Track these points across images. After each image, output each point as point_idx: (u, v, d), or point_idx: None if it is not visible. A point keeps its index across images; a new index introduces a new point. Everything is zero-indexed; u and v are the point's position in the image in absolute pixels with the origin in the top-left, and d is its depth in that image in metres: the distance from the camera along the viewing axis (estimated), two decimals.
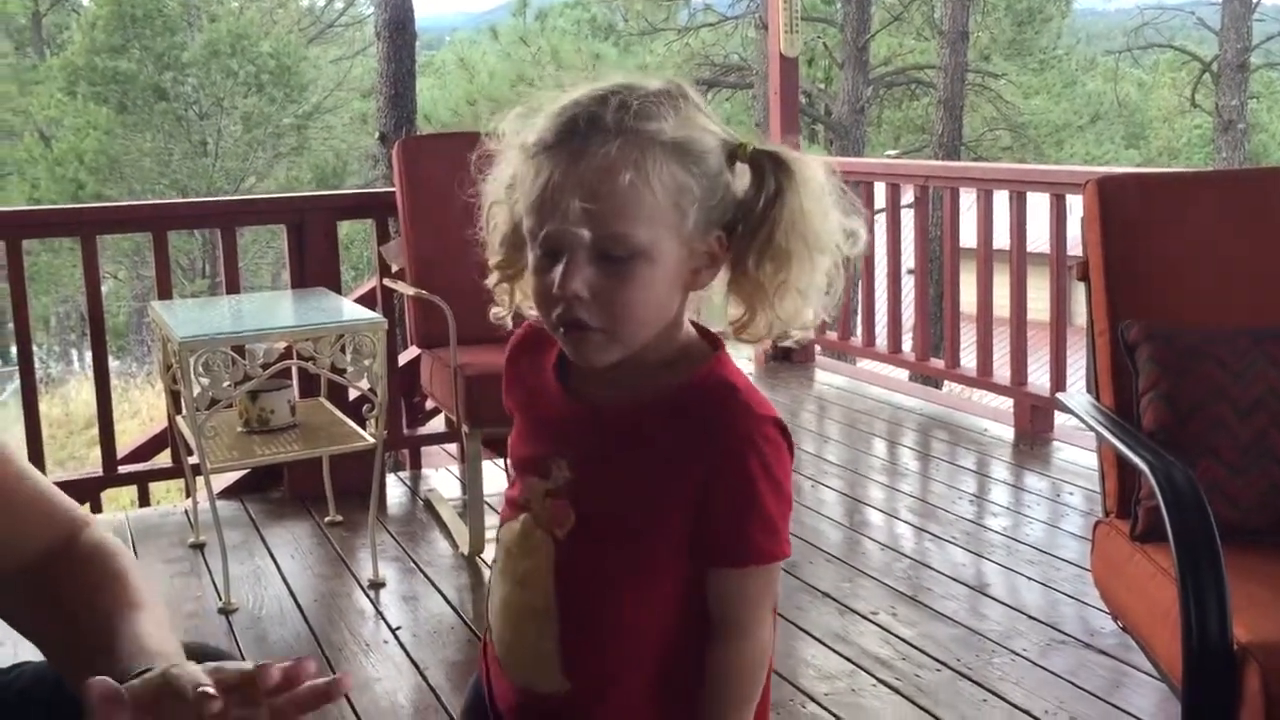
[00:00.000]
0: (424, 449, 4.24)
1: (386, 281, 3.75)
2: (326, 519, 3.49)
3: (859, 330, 5.07)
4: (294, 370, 3.33)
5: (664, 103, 1.02)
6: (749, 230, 1.04)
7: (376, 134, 9.05)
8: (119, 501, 5.39)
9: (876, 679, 2.45)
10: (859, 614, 2.76)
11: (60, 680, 1.08)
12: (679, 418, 1.05)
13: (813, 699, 2.37)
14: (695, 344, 1.11)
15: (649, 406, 1.07)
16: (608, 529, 1.07)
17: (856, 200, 1.10)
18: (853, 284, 5.53)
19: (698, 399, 1.06)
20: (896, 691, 2.39)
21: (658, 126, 1.01)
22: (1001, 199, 4.26)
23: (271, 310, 3.62)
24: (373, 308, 3.69)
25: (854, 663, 2.52)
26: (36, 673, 1.17)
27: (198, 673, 0.90)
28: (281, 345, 3.17)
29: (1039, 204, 4.12)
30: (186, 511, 3.53)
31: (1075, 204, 3.99)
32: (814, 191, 1.05)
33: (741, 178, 1.05)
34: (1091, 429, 1.98)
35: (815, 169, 1.06)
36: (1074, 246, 3.69)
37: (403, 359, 4.04)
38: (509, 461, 1.19)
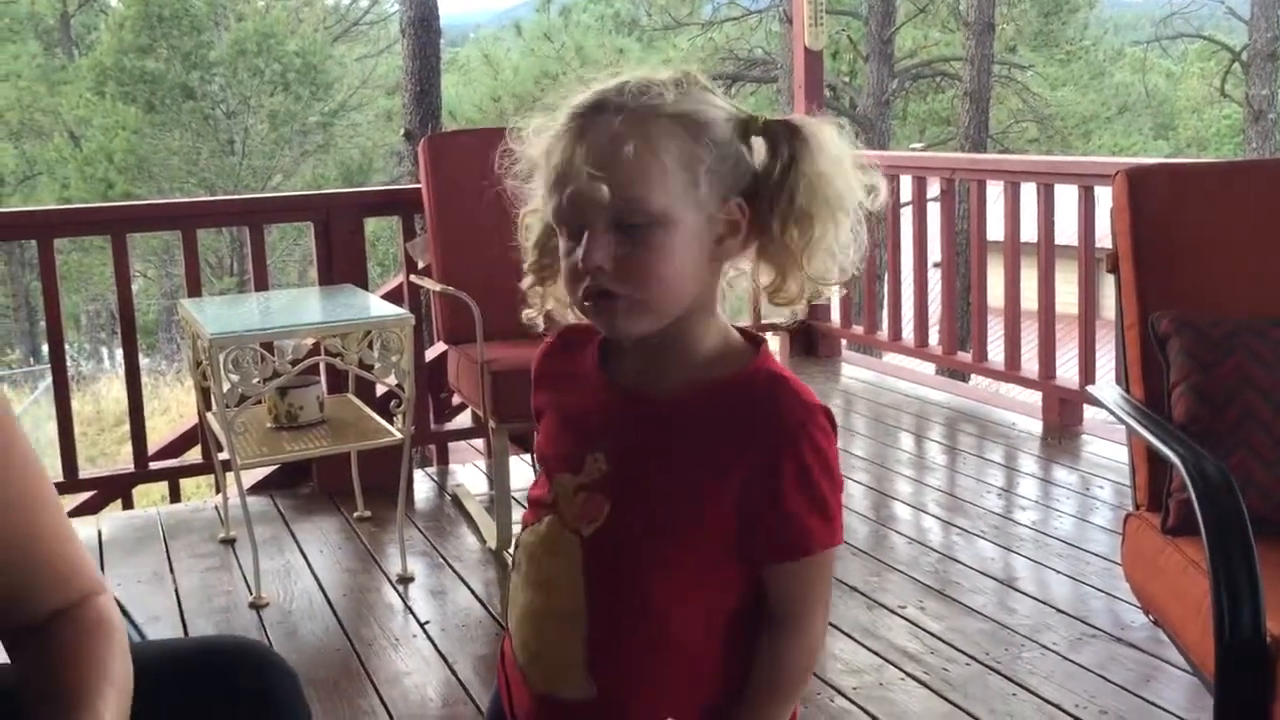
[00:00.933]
0: (451, 444, 4.25)
1: (413, 278, 3.76)
2: (355, 514, 3.51)
3: (885, 324, 5.05)
4: (322, 366, 3.35)
5: (667, 84, 1.06)
6: (770, 197, 1.06)
7: (402, 131, 9.09)
8: (150, 498, 5.44)
9: (905, 673, 2.44)
10: (887, 608, 2.75)
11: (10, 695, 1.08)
12: (729, 409, 1.05)
13: (841, 693, 2.37)
14: (738, 341, 1.11)
15: (697, 397, 1.06)
16: (644, 524, 1.06)
17: (872, 159, 1.12)
18: (878, 277, 5.50)
19: (747, 390, 1.06)
20: (925, 685, 2.39)
21: (660, 101, 1.04)
22: (1029, 191, 4.23)
23: (299, 307, 3.64)
24: (399, 304, 3.70)
25: (882, 657, 2.52)
26: None
27: None
28: (309, 342, 3.19)
29: (1066, 197, 4.10)
30: (217, 507, 3.56)
31: (1103, 196, 3.97)
32: (829, 153, 1.08)
33: (758, 150, 1.08)
34: (1122, 421, 1.97)
35: (828, 132, 1.09)
36: (1102, 239, 3.66)
37: (430, 355, 4.06)
38: (534, 457, 1.20)
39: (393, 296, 3.88)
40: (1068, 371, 4.24)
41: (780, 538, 1.04)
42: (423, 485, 3.87)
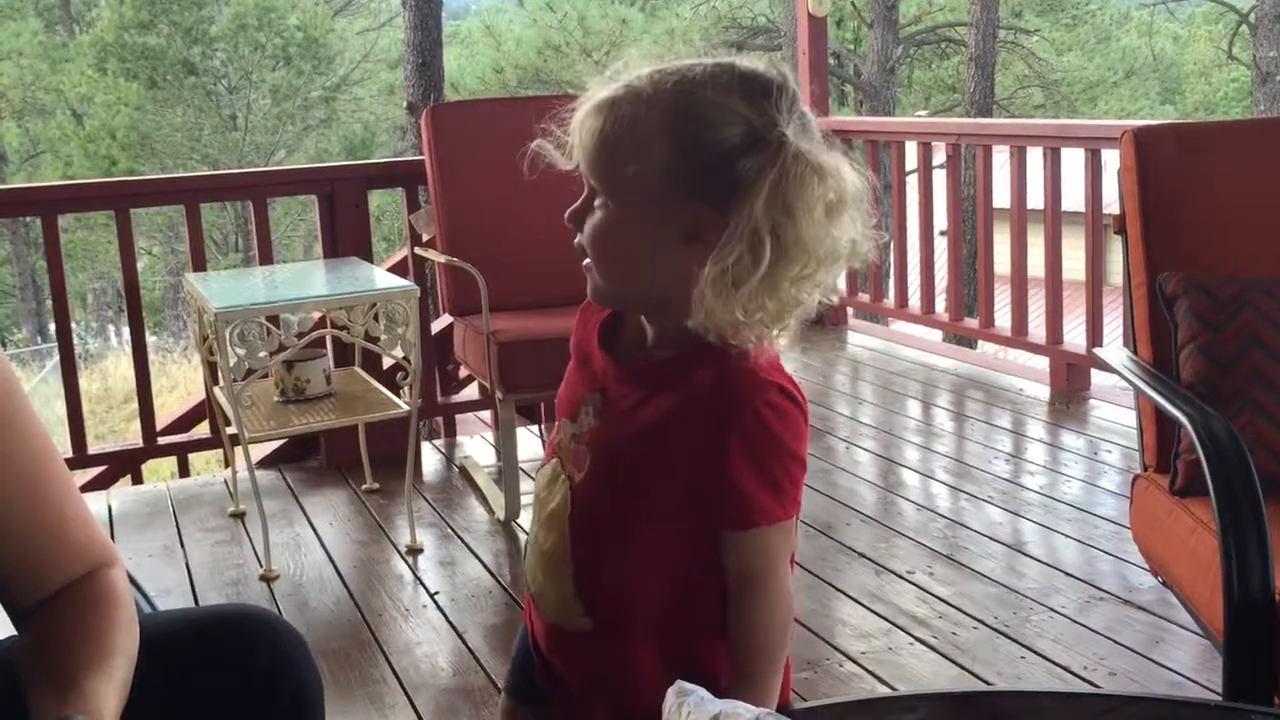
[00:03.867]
0: (458, 417, 4.26)
1: (418, 250, 3.76)
2: (363, 487, 3.52)
3: (891, 292, 5.04)
4: (328, 339, 3.35)
5: (690, 76, 1.04)
6: (747, 214, 1.00)
7: (404, 104, 9.06)
8: (159, 473, 5.46)
9: (914, 637, 2.45)
10: (895, 574, 2.76)
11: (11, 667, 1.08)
12: (686, 382, 1.07)
13: (850, 657, 2.38)
14: (721, 343, 1.09)
15: (661, 367, 1.09)
16: (617, 480, 1.11)
17: (876, 212, 1.07)
18: (884, 245, 5.48)
19: (704, 365, 1.07)
20: (934, 649, 2.39)
21: (662, 89, 1.04)
22: (1035, 156, 4.21)
23: (305, 280, 3.64)
24: (405, 277, 3.70)
25: (891, 621, 2.52)
26: None
27: None
28: (316, 315, 3.19)
29: (1073, 161, 4.07)
30: (226, 481, 3.57)
31: (1110, 159, 3.94)
32: (822, 188, 1.01)
33: (752, 163, 1.01)
34: (1130, 383, 1.96)
35: (833, 167, 1.02)
36: (1109, 204, 3.64)
37: (435, 327, 4.06)
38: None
39: (398, 269, 3.87)
40: (1075, 337, 4.23)
41: (727, 510, 1.07)
42: (430, 457, 3.88)
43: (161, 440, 3.80)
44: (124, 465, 3.93)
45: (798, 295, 1.04)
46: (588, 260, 1.10)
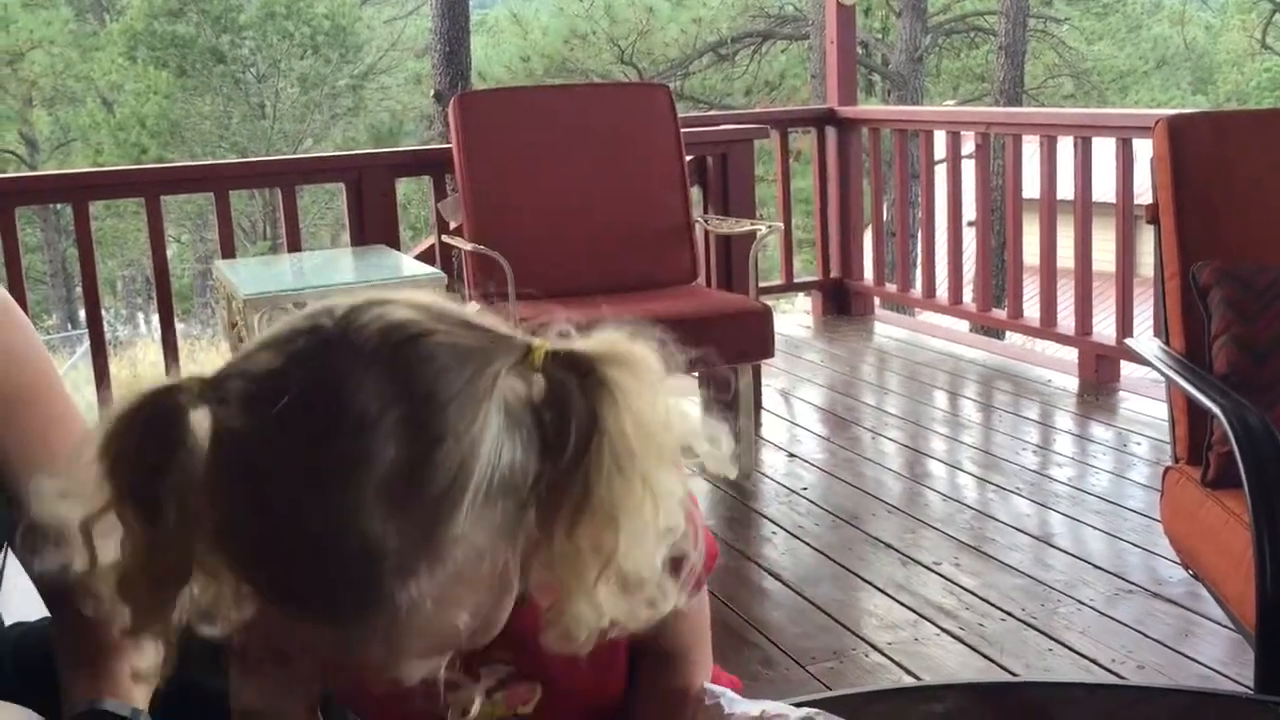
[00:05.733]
0: None
1: (445, 238, 3.76)
2: None
3: (918, 282, 5.02)
4: None
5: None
6: (554, 486, 0.69)
7: (431, 92, 9.07)
8: None
9: (940, 628, 2.44)
10: (921, 564, 2.75)
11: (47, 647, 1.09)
12: None
13: (876, 648, 2.37)
14: None
15: None
16: (575, 680, 0.91)
17: (697, 390, 0.83)
18: (911, 236, 5.46)
19: None
20: (960, 640, 2.38)
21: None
22: (1065, 146, 4.17)
23: (332, 267, 3.65)
24: (431, 265, 3.71)
25: (917, 612, 2.51)
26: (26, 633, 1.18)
27: None
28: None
29: (1103, 152, 4.03)
30: None
31: (1142, 149, 3.90)
32: (648, 399, 0.71)
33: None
34: (1162, 374, 1.94)
35: (646, 363, 0.72)
36: (1140, 193, 3.60)
37: None
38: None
39: (425, 257, 3.88)
40: (1104, 328, 4.20)
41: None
42: None
43: None
44: None
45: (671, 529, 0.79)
46: None
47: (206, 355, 14.74)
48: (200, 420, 0.68)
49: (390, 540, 0.63)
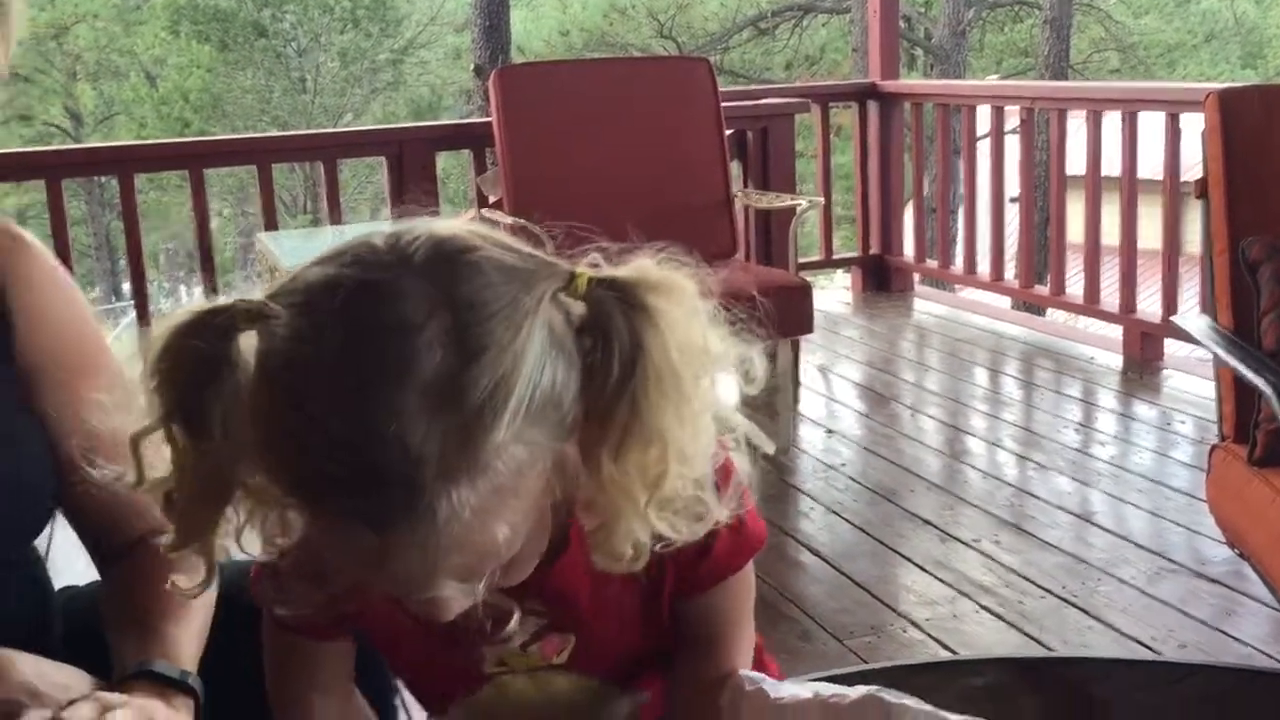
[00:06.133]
0: None
1: (484, 212, 3.77)
2: None
3: (959, 258, 4.97)
4: None
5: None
6: (599, 412, 0.70)
7: (471, 66, 9.08)
8: None
9: (979, 605, 2.43)
10: (961, 541, 2.74)
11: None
12: None
13: (914, 624, 2.37)
14: None
15: None
16: (608, 636, 0.92)
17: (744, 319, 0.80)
18: (951, 212, 5.41)
19: None
20: (1000, 618, 2.37)
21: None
22: (1112, 122, 4.11)
23: None
24: None
25: (956, 589, 2.50)
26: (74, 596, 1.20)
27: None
28: None
29: (1150, 127, 3.97)
30: None
31: (1190, 124, 3.84)
32: (686, 323, 0.73)
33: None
34: (1209, 350, 1.92)
35: (683, 289, 0.74)
36: (1188, 169, 3.55)
37: None
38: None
39: None
40: (1149, 306, 4.15)
41: (691, 581, 0.89)
42: None
43: None
44: None
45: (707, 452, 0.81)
46: None
47: None
48: (248, 342, 0.69)
49: (431, 445, 0.63)
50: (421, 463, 0.63)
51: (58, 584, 1.21)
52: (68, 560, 1.23)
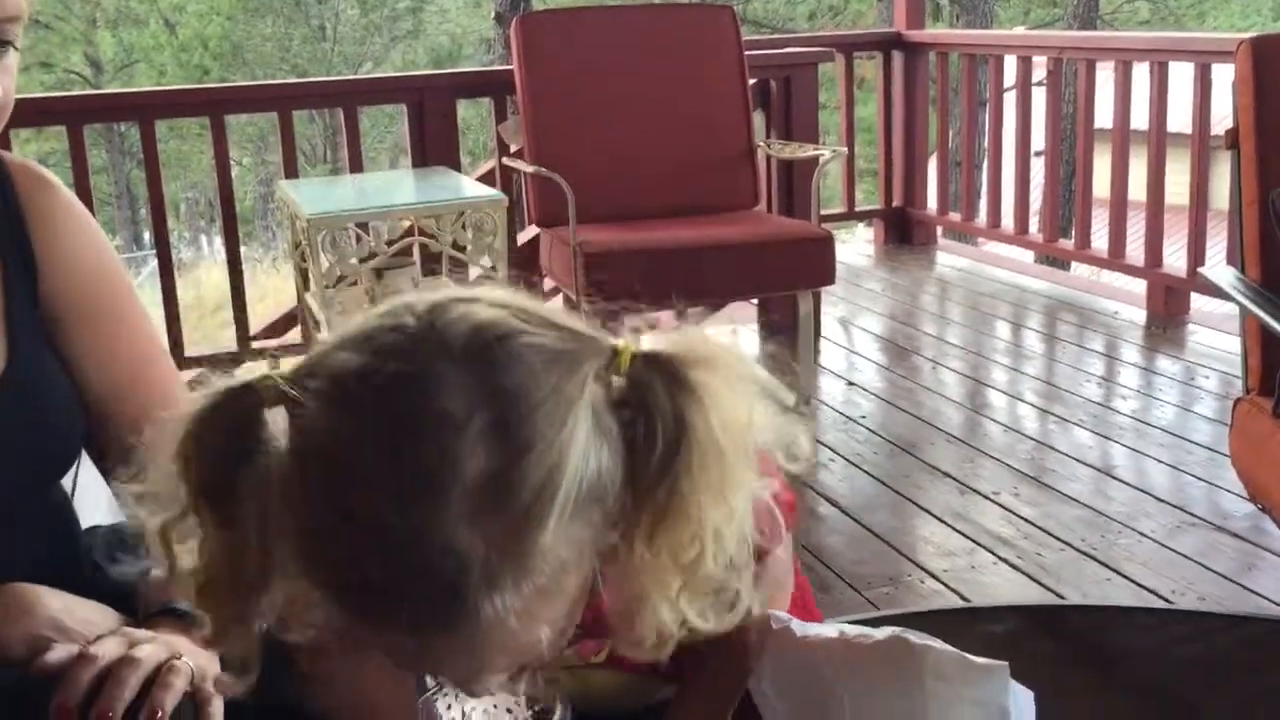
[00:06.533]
0: None
1: (505, 160, 3.75)
2: None
3: (983, 211, 4.93)
4: (415, 249, 3.38)
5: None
6: (636, 491, 0.66)
7: (492, 14, 9.01)
8: None
9: (997, 557, 2.43)
10: (980, 494, 2.73)
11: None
12: None
13: (931, 574, 2.37)
14: None
15: None
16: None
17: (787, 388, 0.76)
18: (976, 166, 5.35)
19: None
20: (1017, 569, 2.38)
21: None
22: (1141, 74, 4.05)
23: (394, 188, 3.66)
24: (492, 187, 3.71)
25: (974, 541, 2.51)
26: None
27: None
28: (405, 223, 3.21)
29: (1180, 80, 3.91)
30: None
31: (1220, 75, 3.78)
32: (731, 398, 0.68)
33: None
34: (1236, 302, 1.90)
35: (730, 362, 0.69)
36: (1218, 121, 3.49)
37: (521, 239, 4.07)
38: None
39: (485, 181, 3.88)
40: (1174, 261, 4.11)
41: None
42: None
43: (255, 345, 3.89)
44: (219, 368, 4.03)
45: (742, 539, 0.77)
46: None
47: (269, 278, 14.92)
48: (277, 419, 0.65)
49: (476, 550, 0.60)
50: (466, 568, 0.60)
51: (84, 524, 1.22)
52: (94, 500, 1.24)
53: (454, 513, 0.60)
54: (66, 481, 1.16)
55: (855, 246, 5.46)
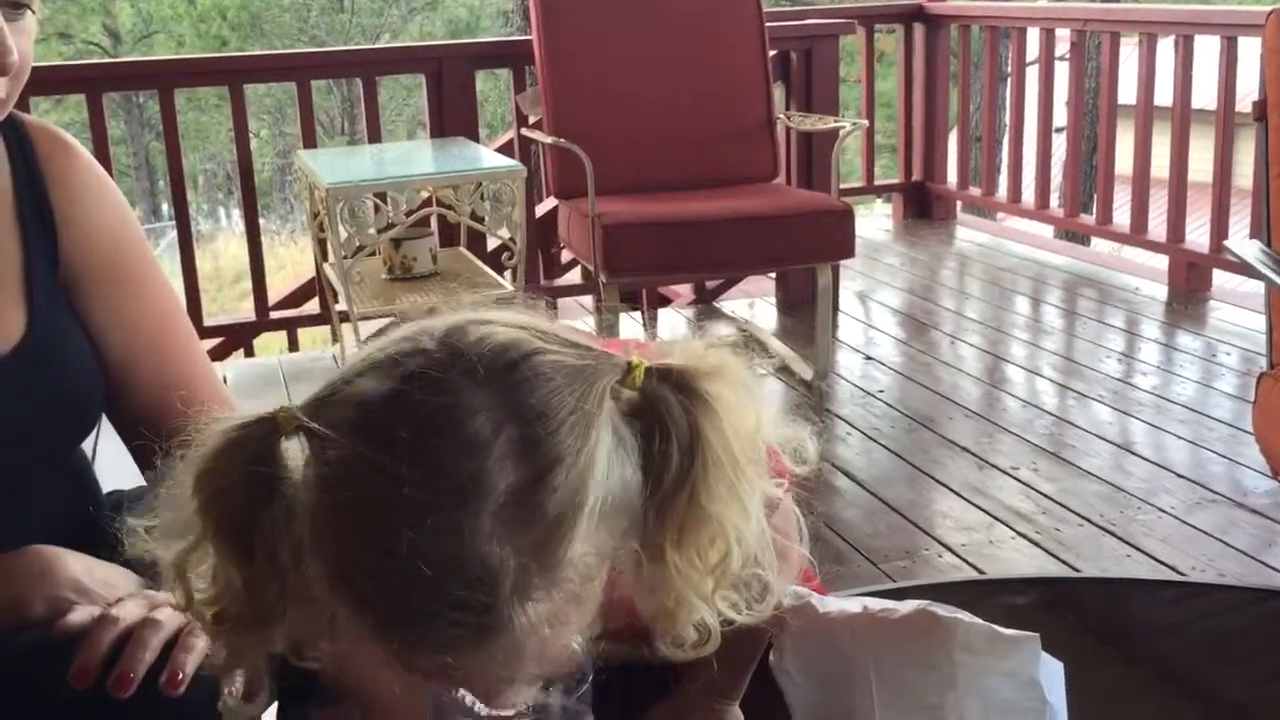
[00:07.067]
0: (560, 300, 4.28)
1: (524, 131, 3.74)
2: None
3: (1003, 186, 4.89)
4: (434, 219, 3.37)
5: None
6: (658, 502, 0.69)
7: None
8: (269, 349, 5.62)
9: (1015, 531, 2.42)
10: (998, 469, 2.72)
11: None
12: None
13: (949, 548, 2.37)
14: None
15: None
16: None
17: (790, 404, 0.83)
18: (997, 141, 5.31)
19: None
20: (1036, 544, 2.37)
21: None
22: (1165, 49, 4.01)
23: (413, 158, 3.66)
24: (510, 158, 3.70)
25: (992, 515, 2.50)
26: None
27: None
28: (423, 194, 3.20)
29: (1205, 54, 3.87)
30: (334, 356, 3.65)
31: (1247, 49, 3.74)
32: (739, 406, 0.72)
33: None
34: (1262, 275, 1.88)
35: (736, 371, 0.72)
36: (1243, 96, 3.45)
37: (540, 210, 4.06)
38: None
39: (504, 152, 3.86)
40: (1196, 237, 4.07)
41: None
42: None
43: (273, 315, 3.89)
44: (237, 338, 4.05)
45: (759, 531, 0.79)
46: None
47: (286, 249, 14.95)
48: (294, 452, 0.66)
49: (508, 565, 0.62)
50: (498, 586, 0.62)
51: (104, 489, 1.22)
52: (115, 464, 1.25)
53: (486, 531, 0.61)
54: (87, 445, 1.17)
55: (874, 221, 5.43)
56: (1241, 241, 2.01)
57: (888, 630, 0.78)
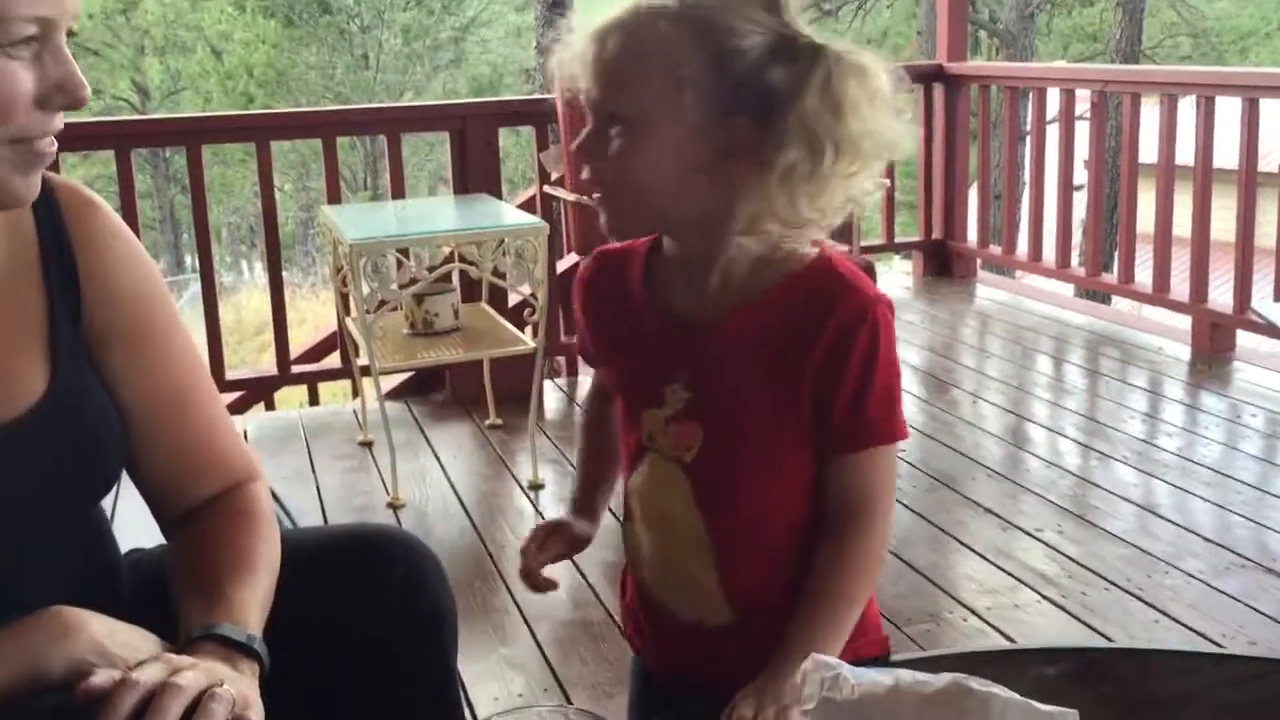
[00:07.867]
0: (580, 356, 4.28)
1: (546, 188, 3.77)
2: (486, 422, 3.57)
3: (1023, 244, 4.89)
4: (455, 275, 3.39)
5: None
6: (785, 117, 0.99)
7: (534, 44, 9.07)
8: (289, 402, 5.63)
9: (1041, 595, 2.39)
10: (1022, 530, 2.69)
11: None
12: (790, 308, 1.03)
13: (974, 612, 2.34)
14: (787, 252, 1.05)
15: (755, 305, 1.04)
16: (737, 438, 1.06)
17: (913, 108, 1.06)
18: (1017, 200, 5.31)
19: (806, 287, 1.03)
20: (1062, 609, 2.33)
21: (673, 3, 1.00)
22: (1186, 108, 4.01)
23: (436, 214, 3.68)
24: (533, 215, 3.72)
25: (1017, 578, 2.47)
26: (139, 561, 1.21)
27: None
28: (446, 249, 3.22)
29: (1225, 115, 3.87)
30: (355, 411, 3.66)
31: (1268, 110, 3.74)
32: (867, 87, 1.00)
33: (790, 72, 1.00)
34: None
35: (873, 66, 1.01)
36: (1266, 154, 3.46)
37: (560, 267, 4.07)
38: (616, 406, 1.15)
39: (526, 207, 3.89)
40: (1219, 297, 4.05)
41: (844, 427, 1.03)
42: (552, 395, 3.91)
43: (294, 369, 3.91)
44: (258, 392, 4.06)
45: (851, 191, 1.03)
46: (599, 195, 1.05)
47: (307, 303, 15.04)
48: None
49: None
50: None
51: (124, 547, 1.22)
52: (134, 524, 1.24)
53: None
54: (107, 504, 1.17)
55: (894, 278, 5.44)
56: (1268, 304, 1.99)
57: (922, 705, 0.76)
